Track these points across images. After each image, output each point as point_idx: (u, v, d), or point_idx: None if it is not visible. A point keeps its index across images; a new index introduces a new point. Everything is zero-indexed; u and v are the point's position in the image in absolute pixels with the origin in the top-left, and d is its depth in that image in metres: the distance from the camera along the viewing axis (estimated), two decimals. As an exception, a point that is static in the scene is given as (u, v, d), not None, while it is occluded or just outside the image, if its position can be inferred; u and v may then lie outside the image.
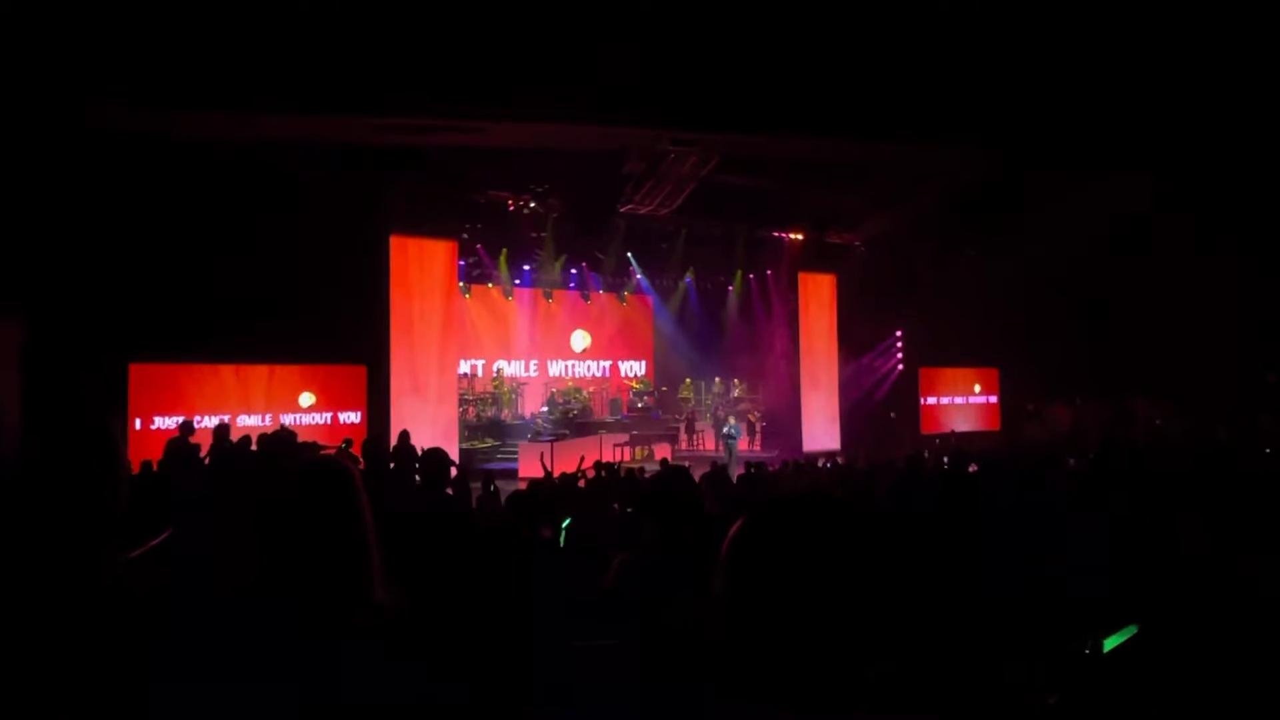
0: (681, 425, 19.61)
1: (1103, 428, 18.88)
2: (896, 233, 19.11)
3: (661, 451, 17.65)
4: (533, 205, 16.95)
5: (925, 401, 22.50)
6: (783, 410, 20.50)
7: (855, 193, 17.19)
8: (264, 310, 13.06)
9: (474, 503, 8.64)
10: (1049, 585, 3.24)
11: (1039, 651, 2.84)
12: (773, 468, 13.12)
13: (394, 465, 9.44)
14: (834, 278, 20.84)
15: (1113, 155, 12.93)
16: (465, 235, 17.04)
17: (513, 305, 20.25)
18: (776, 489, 9.05)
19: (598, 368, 21.77)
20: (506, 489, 9.28)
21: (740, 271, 20.91)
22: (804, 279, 20.47)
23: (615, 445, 17.20)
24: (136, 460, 10.67)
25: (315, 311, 13.48)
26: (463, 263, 17.36)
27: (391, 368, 15.18)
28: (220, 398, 14.26)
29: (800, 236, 19.90)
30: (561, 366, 21.23)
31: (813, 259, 20.40)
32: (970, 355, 22.46)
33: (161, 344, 13.33)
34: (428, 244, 15.88)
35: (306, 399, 15.06)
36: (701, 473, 9.60)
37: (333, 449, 9.99)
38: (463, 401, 17.49)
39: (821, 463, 14.86)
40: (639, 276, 20.61)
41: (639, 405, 19.90)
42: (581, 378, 21.16)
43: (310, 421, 14.76)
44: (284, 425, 13.19)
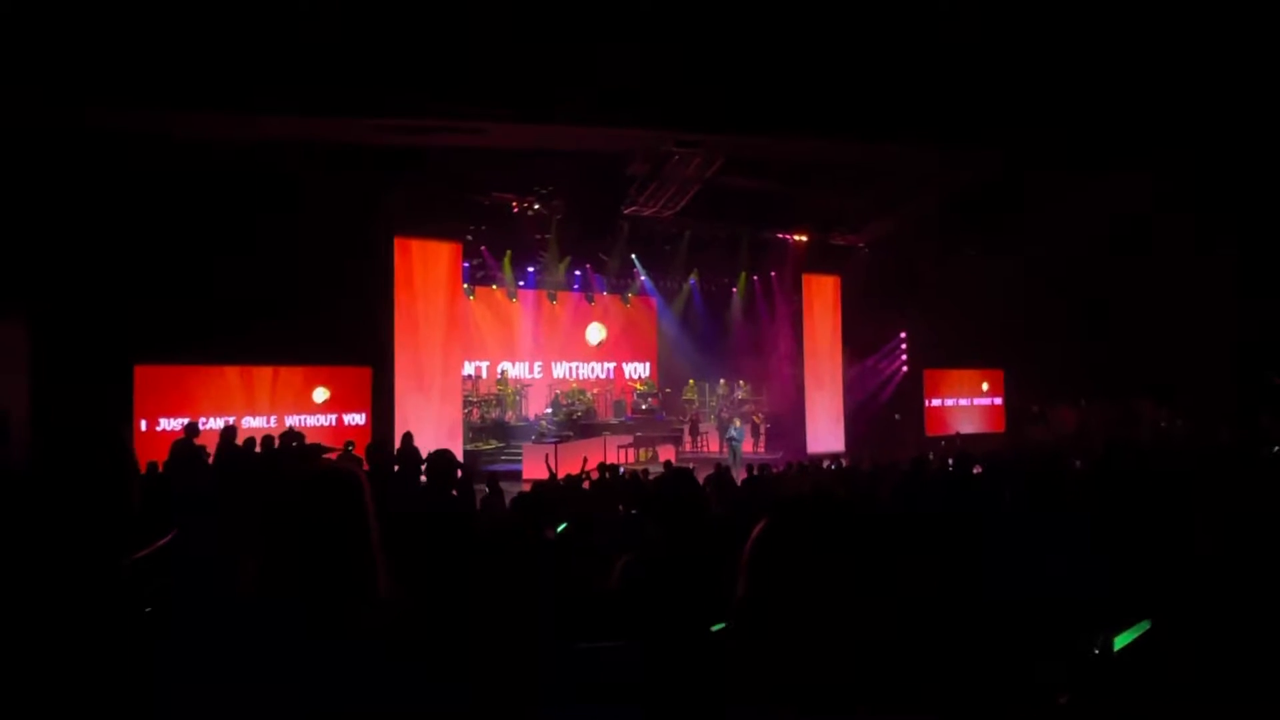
0: (685, 427, 19.61)
1: (1107, 429, 18.84)
2: (900, 234, 19.09)
3: (665, 453, 17.65)
4: (537, 207, 16.96)
5: (929, 403, 22.47)
6: (787, 412, 20.49)
7: (859, 194, 17.18)
8: (269, 312, 13.10)
9: (478, 504, 8.65)
10: (1053, 586, 3.24)
11: (1043, 652, 2.84)
12: (777, 469, 13.13)
13: (398, 467, 9.46)
14: (838, 279, 20.83)
15: (1114, 155, 12.92)
16: (469, 237, 17.06)
17: (517, 307, 20.27)
18: (781, 491, 9.04)
19: (602, 369, 21.78)
20: (511, 491, 9.31)
21: (744, 273, 20.91)
22: (808, 280, 20.46)
23: (619, 447, 17.19)
24: (142, 461, 10.70)
25: (320, 313, 13.51)
26: (467, 264, 17.38)
27: (396, 369, 15.20)
28: (225, 399, 14.29)
29: (804, 238, 19.89)
30: (566, 368, 21.24)
31: (817, 260, 20.40)
32: (975, 357, 22.44)
33: (166, 345, 13.36)
34: (432, 245, 15.90)
35: (321, 394, 15.10)
36: (705, 475, 9.61)
37: (336, 452, 10.01)
38: (467, 403, 17.51)
39: (826, 464, 14.85)
40: (643, 278, 20.62)
41: (643, 407, 19.90)
42: (585, 379, 21.17)
43: (315, 423, 14.79)
44: (290, 427, 13.21)
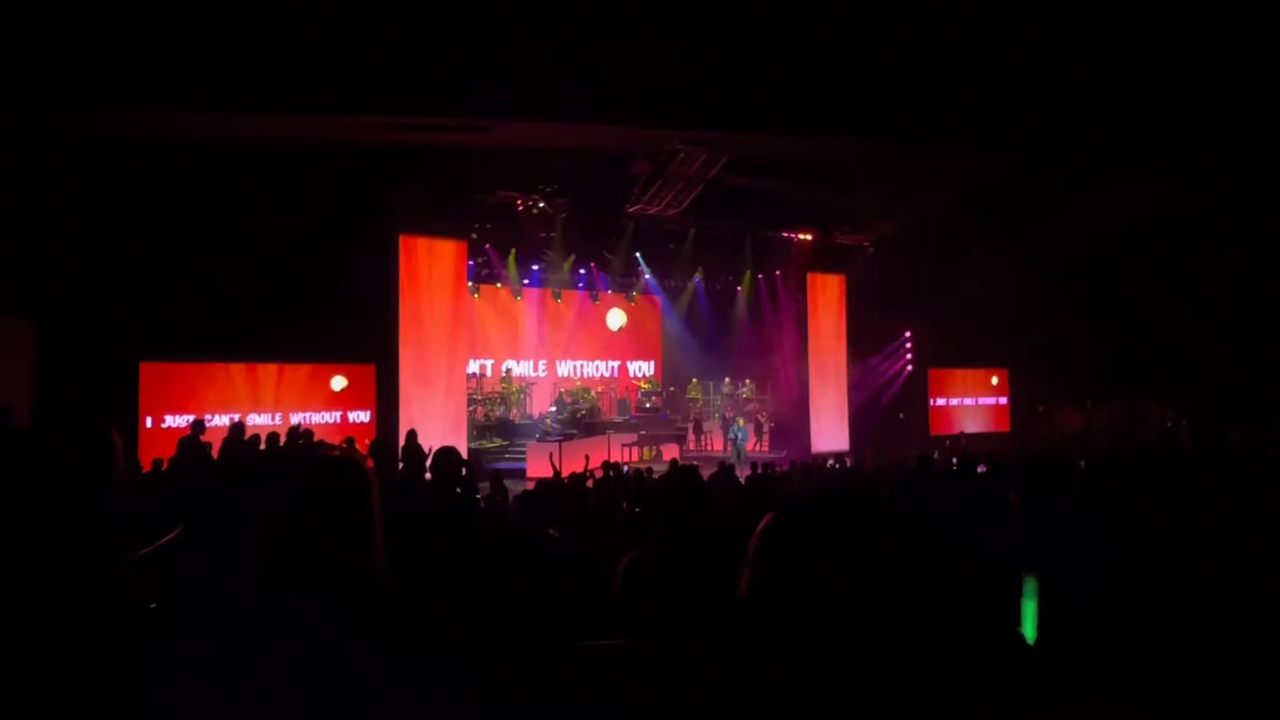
0: (689, 426, 19.61)
1: (1113, 429, 18.80)
2: (905, 233, 19.06)
3: (669, 452, 17.65)
4: (541, 205, 16.97)
5: (934, 402, 22.43)
6: (791, 411, 20.47)
7: (864, 193, 17.15)
8: (274, 309, 13.12)
9: (482, 502, 8.65)
10: (1055, 586, 3.23)
11: (1042, 652, 2.82)
12: (781, 469, 13.11)
13: (402, 465, 9.46)
14: (843, 278, 20.80)
15: (1122, 156, 12.88)
16: (474, 235, 17.07)
17: (521, 305, 20.28)
18: (785, 490, 9.04)
19: (606, 368, 21.78)
20: (515, 489, 9.32)
21: (749, 272, 20.90)
22: (813, 279, 20.43)
23: (623, 445, 17.20)
24: (147, 459, 10.73)
25: (325, 311, 13.53)
26: (471, 262, 17.39)
27: (401, 367, 15.21)
28: (230, 396, 14.32)
29: (809, 237, 19.87)
30: (570, 366, 21.25)
31: (821, 259, 20.37)
32: (980, 356, 22.39)
33: (171, 342, 13.40)
34: (437, 243, 15.90)
35: (339, 382, 15.13)
36: (709, 473, 9.60)
37: (338, 449, 10.00)
38: (471, 401, 17.52)
39: (830, 463, 14.83)
40: (647, 277, 20.61)
41: (647, 405, 19.90)
42: (590, 378, 21.18)
43: (321, 420, 14.81)
44: (297, 425, 13.24)
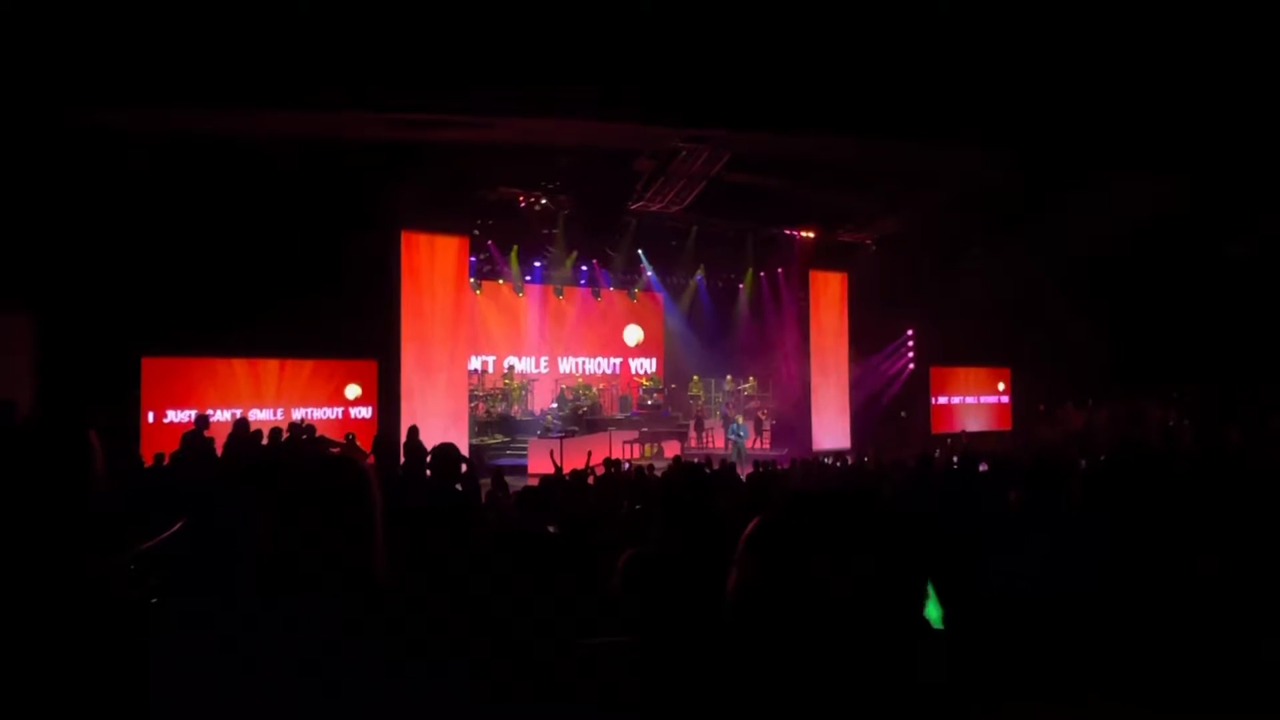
0: (691, 423, 19.61)
1: (1114, 429, 18.80)
2: (907, 232, 19.05)
3: (671, 449, 17.65)
4: (544, 202, 16.97)
5: (936, 401, 22.43)
6: (793, 409, 20.47)
7: (867, 191, 17.14)
8: (276, 305, 13.13)
9: (483, 499, 8.66)
10: (1057, 586, 3.23)
11: (1043, 651, 2.83)
12: (783, 466, 13.11)
13: (404, 461, 9.47)
14: (845, 276, 20.79)
15: (1122, 156, 12.87)
16: (476, 231, 17.07)
17: (523, 301, 20.28)
18: (786, 487, 9.04)
19: (608, 365, 21.79)
20: (516, 485, 9.32)
21: (751, 269, 20.89)
22: (815, 277, 20.42)
23: (624, 442, 17.20)
24: (149, 453, 10.74)
25: (327, 306, 13.53)
26: (474, 259, 17.39)
27: (403, 363, 15.22)
28: (232, 391, 14.34)
29: (811, 235, 19.85)
30: (572, 363, 21.25)
31: (824, 257, 20.36)
32: (982, 355, 22.39)
33: (173, 338, 13.42)
34: (439, 240, 15.91)
35: (353, 390, 15.17)
36: (710, 471, 9.60)
37: (339, 446, 10.03)
38: (473, 397, 17.52)
39: (831, 461, 14.82)
40: (649, 274, 20.61)
41: (648, 402, 19.89)
42: (591, 374, 21.18)
43: (322, 415, 14.82)
44: (300, 420, 13.24)
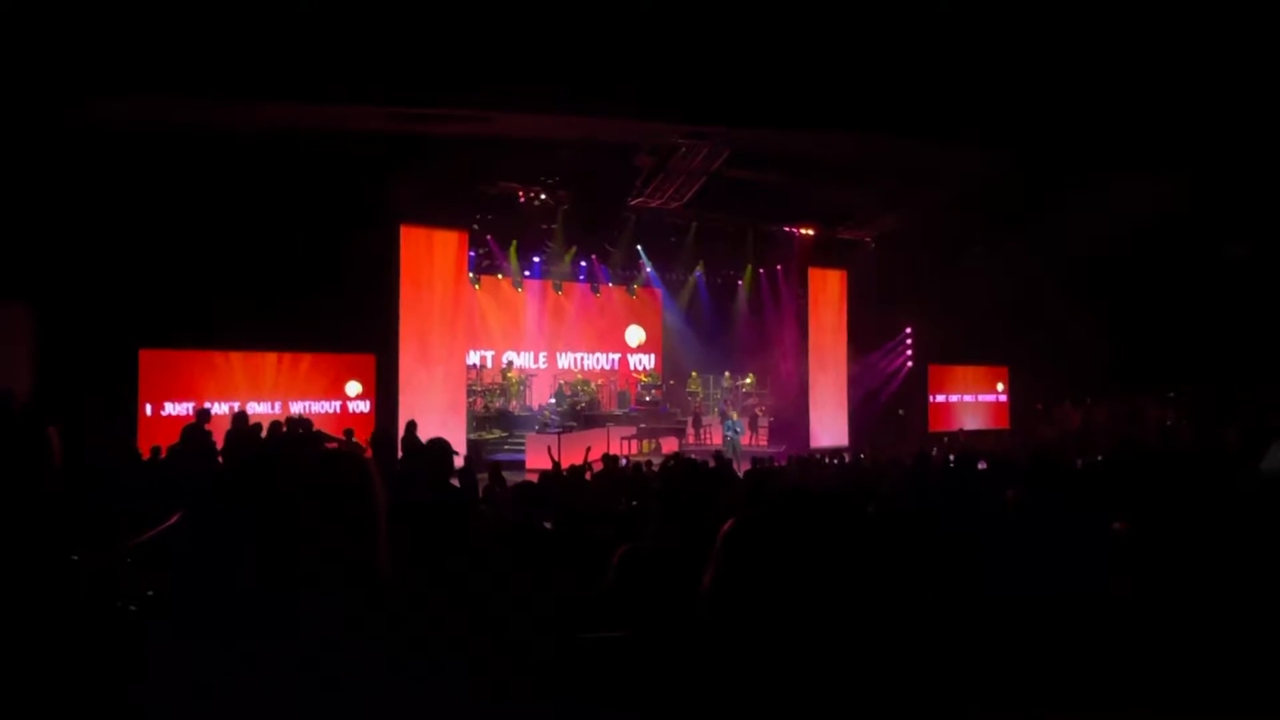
0: (689, 419, 19.62)
1: (1112, 428, 18.83)
2: (907, 230, 19.05)
3: (668, 445, 17.66)
4: (543, 197, 16.95)
5: (934, 399, 22.45)
6: (791, 406, 20.47)
7: (867, 189, 17.13)
8: (274, 298, 13.13)
9: (480, 493, 8.68)
10: (1058, 585, 3.24)
11: (1046, 650, 2.83)
12: (780, 463, 13.12)
13: (402, 456, 9.47)
14: (844, 274, 20.79)
15: (1122, 156, 12.87)
16: (475, 226, 17.05)
17: (522, 296, 20.26)
18: (780, 485, 9.04)
19: (606, 360, 21.79)
20: (513, 480, 9.33)
21: (750, 266, 20.88)
22: (814, 274, 20.42)
23: (622, 438, 17.21)
24: (146, 446, 10.74)
25: (325, 300, 13.53)
26: (472, 253, 17.37)
27: (400, 357, 15.21)
28: (229, 384, 14.32)
29: (811, 232, 19.85)
30: (570, 359, 21.25)
31: (823, 255, 20.36)
32: (980, 354, 22.40)
33: (172, 330, 13.39)
34: (438, 234, 15.89)
35: (354, 387, 15.17)
36: (708, 468, 9.60)
37: (337, 441, 10.03)
38: (471, 392, 17.52)
39: (828, 459, 14.83)
40: (649, 270, 20.60)
41: (647, 399, 19.90)
42: (590, 370, 21.18)
43: (320, 409, 14.81)
44: (299, 414, 13.22)
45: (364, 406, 15.31)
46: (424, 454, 3.66)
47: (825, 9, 10.22)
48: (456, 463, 6.10)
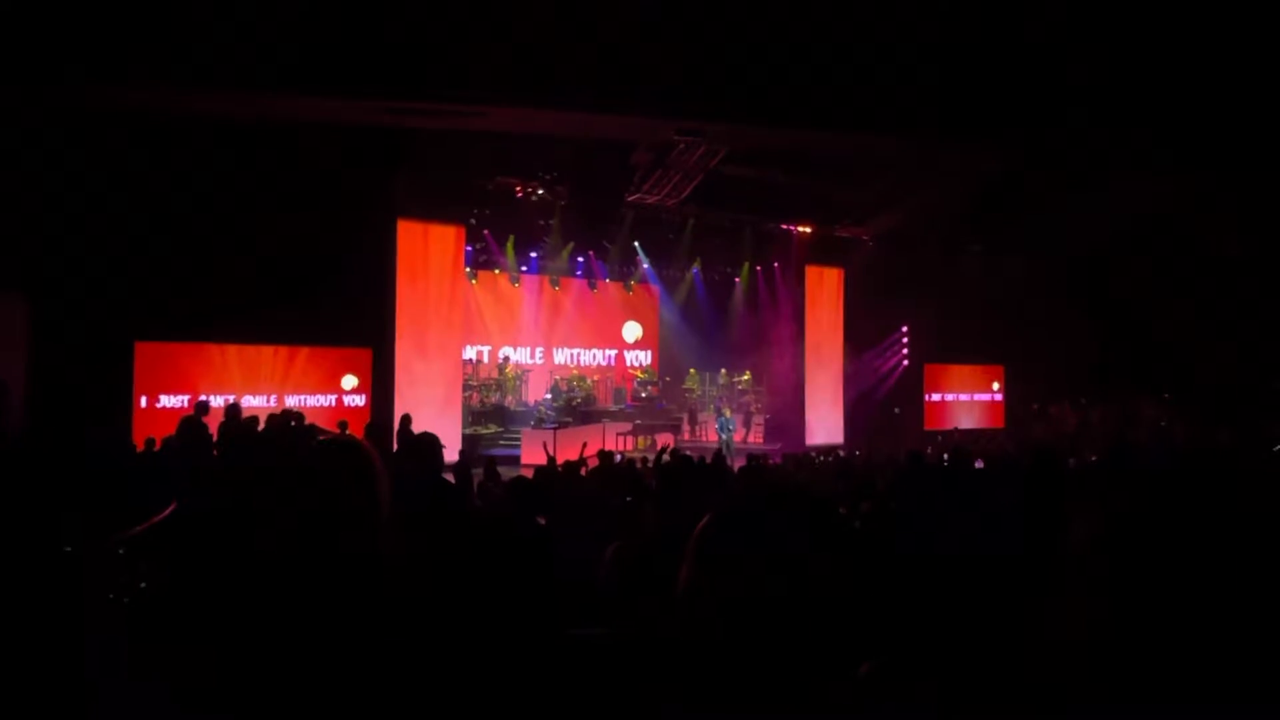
0: (685, 416, 19.63)
1: (1107, 428, 18.87)
2: (905, 228, 19.06)
3: (664, 441, 17.64)
4: (541, 192, 16.94)
5: (929, 398, 22.48)
6: (786, 403, 20.49)
7: (864, 187, 17.15)
8: (270, 292, 13.11)
9: (475, 488, 8.68)
10: (1046, 582, 3.25)
11: (1030, 649, 2.83)
12: (774, 461, 13.14)
13: (397, 450, 9.47)
14: (841, 272, 20.79)
15: (1122, 156, 12.89)
16: (473, 221, 17.04)
17: (519, 292, 20.26)
18: (775, 481, 9.07)
19: (603, 356, 21.79)
20: (509, 475, 9.33)
21: (747, 263, 20.88)
22: (811, 272, 20.42)
23: (618, 434, 17.22)
24: (141, 437, 10.73)
25: (321, 294, 13.51)
26: (470, 248, 17.36)
27: (397, 351, 15.21)
28: (225, 377, 14.30)
29: (808, 230, 19.85)
30: (566, 354, 21.25)
31: (820, 253, 20.35)
32: (976, 353, 22.44)
33: (168, 323, 13.38)
34: (435, 229, 15.87)
35: (349, 381, 15.16)
36: (703, 464, 9.61)
37: (330, 434, 10.01)
38: (467, 387, 17.53)
39: (819, 457, 14.85)
40: (646, 266, 20.60)
41: (642, 395, 19.91)
42: (586, 366, 21.18)
43: (316, 403, 14.80)
44: (291, 408, 13.22)
45: (360, 400, 15.30)
46: (417, 447, 3.66)
47: (824, 7, 10.22)
48: (447, 457, 6.10)
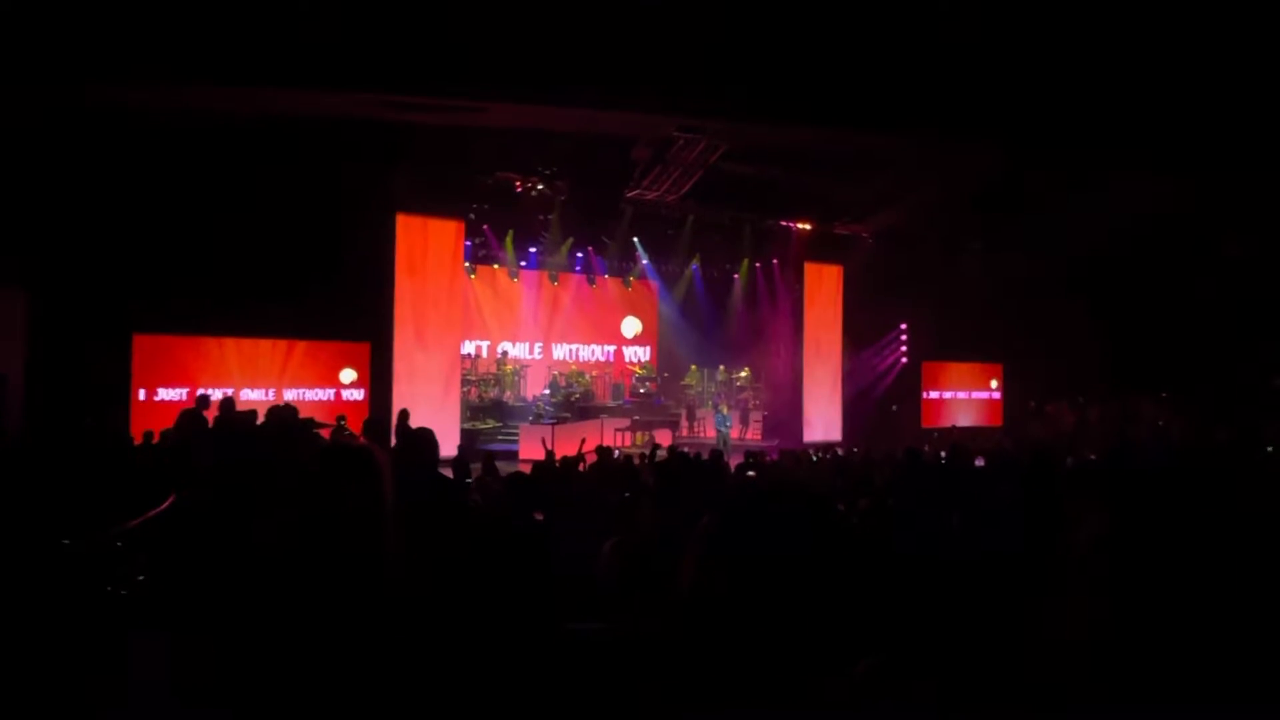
0: (683, 412, 19.64)
1: (1105, 427, 18.89)
2: (905, 226, 19.06)
3: (662, 438, 17.66)
4: (540, 188, 16.92)
5: (927, 396, 22.49)
6: (785, 400, 20.50)
7: (864, 185, 17.13)
8: (270, 285, 13.11)
9: (473, 483, 8.67)
10: (1045, 581, 3.25)
11: (1029, 647, 2.85)
12: (771, 458, 13.14)
13: (395, 445, 9.47)
14: (840, 269, 20.78)
15: (1122, 156, 12.88)
16: (472, 215, 17.03)
17: (518, 287, 20.25)
18: (771, 479, 9.07)
19: (601, 352, 21.79)
20: (507, 470, 9.33)
21: (746, 260, 20.88)
22: (810, 269, 20.42)
23: (616, 430, 17.22)
24: (139, 431, 10.73)
25: (320, 288, 13.51)
26: (469, 243, 17.35)
27: (395, 346, 15.20)
28: (223, 371, 14.30)
29: (808, 227, 19.84)
30: (565, 350, 21.25)
31: (819, 250, 20.35)
32: (974, 351, 22.45)
33: (166, 316, 13.38)
34: (434, 223, 15.86)
35: (348, 375, 15.17)
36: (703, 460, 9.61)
37: (328, 427, 10.02)
38: (465, 382, 17.53)
39: (816, 454, 14.84)
40: (645, 262, 20.59)
41: (641, 391, 19.91)
42: (585, 361, 21.19)
43: (314, 397, 14.80)
44: (287, 403, 13.20)
45: (358, 395, 15.30)
46: (415, 442, 3.66)
47: (825, 4, 10.20)
48: (445, 452, 6.10)
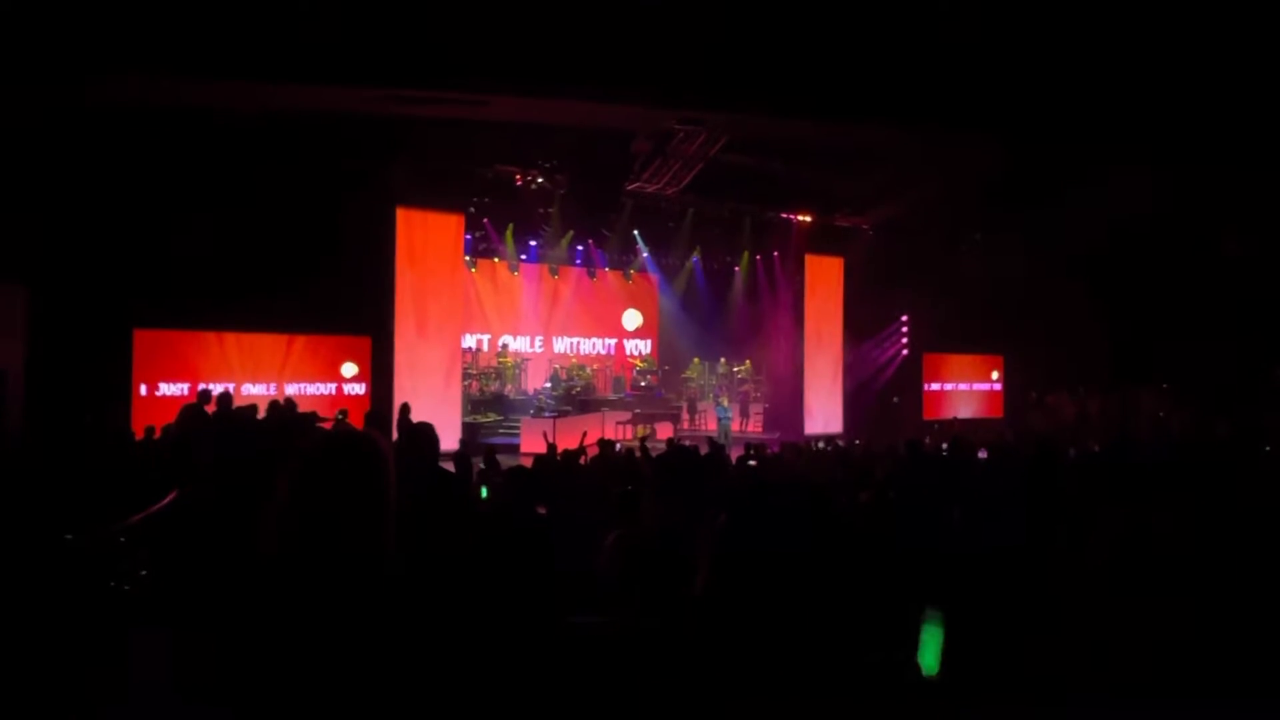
0: (684, 405, 19.64)
1: (1106, 419, 18.89)
2: (905, 218, 19.02)
3: (663, 431, 17.67)
4: (540, 181, 16.89)
5: (929, 387, 22.48)
6: (785, 392, 20.50)
7: (864, 177, 17.10)
8: (270, 280, 13.11)
9: (474, 477, 8.68)
10: (1052, 574, 3.26)
11: (1039, 638, 2.85)
12: (773, 450, 13.15)
13: (397, 439, 9.46)
14: (841, 261, 20.76)
15: (1124, 150, 12.86)
16: (472, 209, 17.01)
17: (518, 280, 20.23)
18: (772, 472, 9.07)
19: (602, 345, 21.79)
20: (509, 464, 9.34)
21: (747, 252, 20.85)
22: (811, 261, 20.39)
23: (617, 423, 17.23)
24: (140, 426, 10.73)
25: (321, 282, 13.51)
26: (469, 236, 17.33)
27: (396, 340, 15.21)
28: (224, 366, 14.31)
29: (808, 219, 19.81)
30: (566, 343, 21.25)
31: (820, 242, 20.33)
32: (975, 342, 22.44)
33: (167, 311, 13.39)
34: (434, 217, 15.84)
35: (350, 369, 15.18)
36: (704, 453, 9.62)
37: (329, 421, 10.02)
38: (466, 375, 17.53)
39: (819, 445, 14.85)
40: (645, 255, 20.57)
41: (642, 384, 19.91)
42: (586, 355, 21.19)
43: (315, 391, 14.81)
44: (288, 397, 13.22)
45: (359, 389, 15.31)
46: (415, 437, 3.67)
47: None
48: (446, 446, 6.11)
